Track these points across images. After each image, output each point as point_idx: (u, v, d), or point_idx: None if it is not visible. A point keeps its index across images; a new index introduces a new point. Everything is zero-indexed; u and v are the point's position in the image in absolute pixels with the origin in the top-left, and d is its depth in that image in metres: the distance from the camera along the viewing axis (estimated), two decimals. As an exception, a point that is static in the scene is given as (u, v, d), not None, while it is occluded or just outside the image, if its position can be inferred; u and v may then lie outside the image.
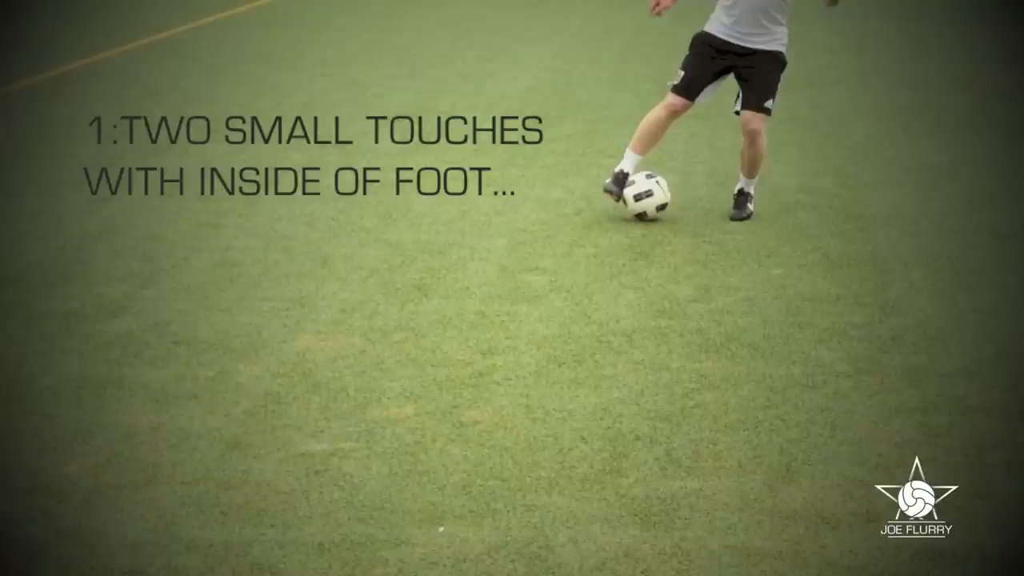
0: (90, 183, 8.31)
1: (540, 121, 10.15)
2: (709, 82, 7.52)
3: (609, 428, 5.00)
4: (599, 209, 7.83)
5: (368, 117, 10.30)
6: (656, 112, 7.63)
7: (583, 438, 4.92)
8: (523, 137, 9.66)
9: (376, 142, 9.51)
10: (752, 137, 7.48)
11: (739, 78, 7.48)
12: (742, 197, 7.71)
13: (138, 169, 8.70)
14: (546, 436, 4.93)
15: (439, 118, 10.26)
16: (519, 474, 4.65)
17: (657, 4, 7.56)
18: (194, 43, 14.20)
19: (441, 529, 4.29)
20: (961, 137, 9.77)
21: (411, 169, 8.73)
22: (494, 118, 10.20)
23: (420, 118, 10.24)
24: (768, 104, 7.43)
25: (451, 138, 9.62)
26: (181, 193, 8.16)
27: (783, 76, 7.51)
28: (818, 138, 9.76)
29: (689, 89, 7.52)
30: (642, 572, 4.07)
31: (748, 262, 6.89)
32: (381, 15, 16.46)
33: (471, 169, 8.72)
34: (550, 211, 7.81)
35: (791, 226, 7.52)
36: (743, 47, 7.38)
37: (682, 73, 7.53)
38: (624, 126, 10.05)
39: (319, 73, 12.32)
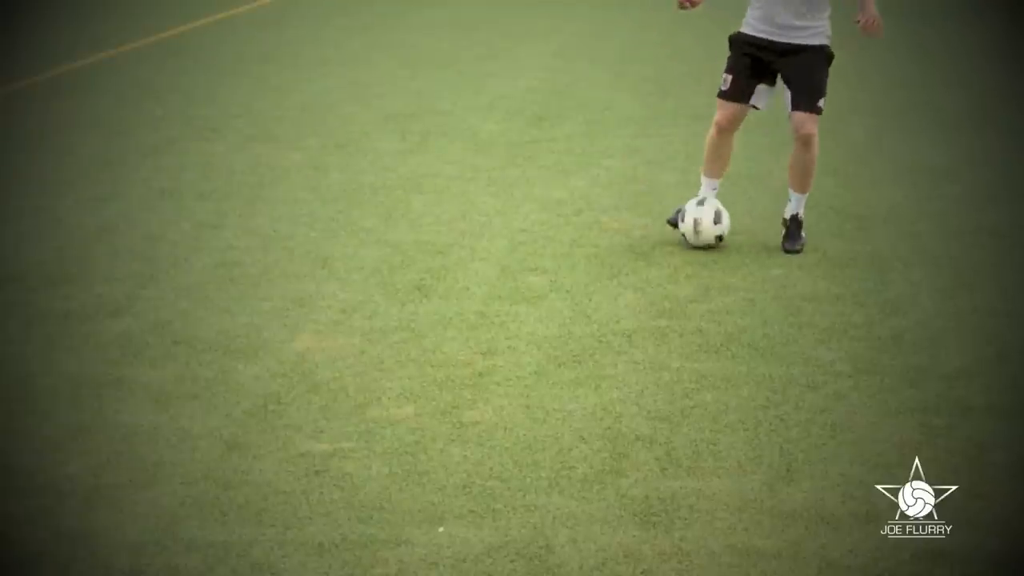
0: (90, 182, 8.32)
1: (540, 121, 10.16)
2: (760, 82, 6.94)
3: (609, 428, 5.00)
4: (599, 209, 7.83)
5: (369, 117, 10.31)
6: (710, 132, 7.12)
7: (583, 438, 4.92)
8: (523, 137, 9.66)
9: (376, 142, 9.52)
10: (806, 142, 6.89)
11: (784, 80, 6.92)
12: (795, 225, 7.08)
13: (138, 169, 8.71)
14: (546, 436, 4.93)
15: (439, 118, 10.27)
16: (519, 474, 4.65)
17: None
18: (194, 43, 14.20)
19: (441, 529, 4.29)
20: (961, 137, 9.77)
21: (411, 169, 8.73)
22: (495, 118, 10.21)
23: (420, 118, 10.25)
24: (821, 103, 6.85)
25: (451, 138, 9.62)
26: (181, 193, 8.17)
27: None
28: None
29: (741, 91, 6.95)
30: (642, 572, 4.07)
31: (748, 262, 6.89)
32: (382, 15, 16.46)
33: (471, 169, 8.72)
34: (550, 211, 7.81)
35: (791, 226, 7.51)
36: (785, 44, 6.82)
37: (728, 76, 6.98)
38: (624, 126, 10.07)
39: (319, 73, 12.33)
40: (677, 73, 12.37)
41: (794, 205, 7.10)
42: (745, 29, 6.98)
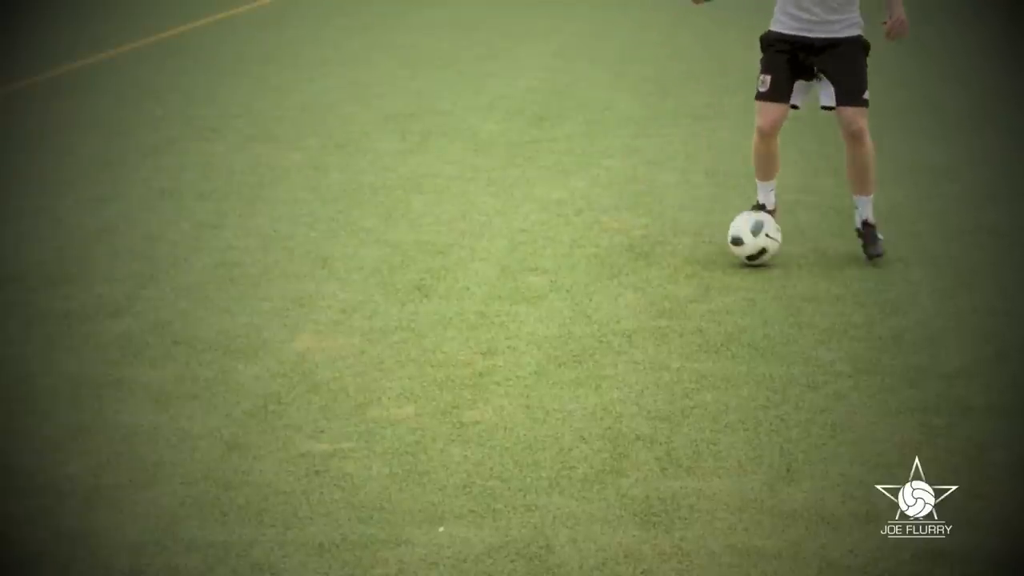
0: (90, 182, 8.32)
1: (540, 121, 10.16)
2: (797, 78, 6.74)
3: (609, 428, 5.00)
4: (599, 209, 7.83)
5: (369, 117, 10.31)
6: (754, 141, 6.94)
7: (583, 438, 4.92)
8: (523, 137, 9.66)
9: (376, 142, 9.52)
10: (857, 138, 6.71)
11: (825, 75, 6.71)
12: (868, 230, 6.86)
13: (138, 169, 8.71)
14: (546, 436, 4.93)
15: (439, 118, 10.27)
16: (519, 474, 4.65)
17: None
18: (194, 43, 14.20)
19: (441, 529, 4.29)
20: (960, 136, 9.77)
21: (411, 169, 8.74)
22: (494, 118, 10.21)
23: (420, 118, 10.25)
24: (866, 96, 6.67)
25: (451, 138, 9.62)
26: (181, 193, 8.17)
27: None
28: (818, 138, 9.75)
29: (781, 91, 6.76)
30: (642, 572, 4.07)
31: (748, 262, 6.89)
32: (382, 15, 16.46)
33: (471, 169, 8.72)
34: (550, 211, 7.81)
35: (791, 226, 7.50)
36: (819, 38, 6.65)
37: (766, 77, 6.77)
38: (624, 126, 10.06)
39: (319, 73, 12.33)
40: (677, 73, 12.36)
41: (862, 210, 6.91)
42: (776, 27, 6.80)
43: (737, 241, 6.81)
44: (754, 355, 5.69)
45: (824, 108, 6.81)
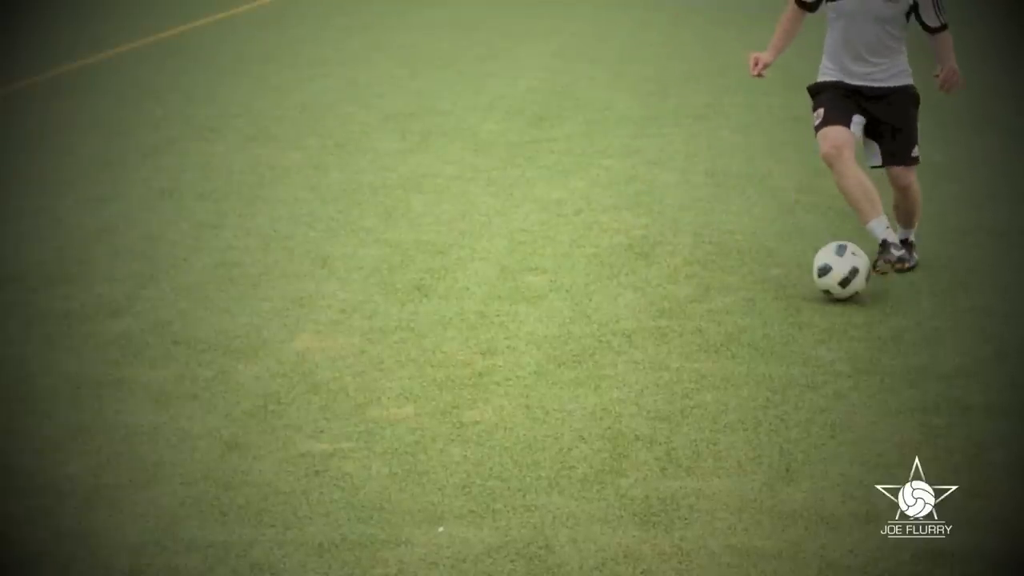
0: (90, 182, 8.32)
1: (540, 121, 10.16)
2: (855, 111, 6.50)
3: (609, 428, 5.00)
4: (599, 209, 7.83)
5: (368, 117, 10.31)
6: (838, 179, 6.48)
7: (583, 438, 4.92)
8: (523, 137, 9.66)
9: (376, 142, 9.52)
10: (904, 192, 6.69)
11: (873, 130, 6.59)
12: (907, 245, 6.81)
13: (138, 169, 8.71)
14: (546, 436, 4.93)
15: (439, 118, 10.27)
16: (519, 474, 4.65)
17: (756, 64, 6.60)
18: (194, 43, 14.20)
19: (441, 529, 4.29)
20: (960, 136, 9.77)
21: (411, 169, 8.73)
22: (494, 118, 10.21)
23: (420, 118, 10.25)
24: (915, 153, 6.60)
25: (451, 138, 9.62)
26: (181, 193, 8.17)
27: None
28: (818, 138, 9.75)
29: (837, 113, 6.48)
30: (642, 572, 4.07)
31: (748, 262, 6.89)
32: (381, 15, 16.46)
33: (471, 169, 8.72)
34: (550, 211, 7.81)
35: (791, 226, 7.52)
36: (868, 87, 6.52)
37: (820, 110, 6.54)
38: (624, 126, 10.06)
39: (319, 73, 12.33)
40: (677, 73, 12.36)
41: (902, 233, 6.85)
42: (823, 77, 6.65)
43: (825, 270, 6.29)
44: (754, 355, 5.69)
45: (873, 167, 6.69)
